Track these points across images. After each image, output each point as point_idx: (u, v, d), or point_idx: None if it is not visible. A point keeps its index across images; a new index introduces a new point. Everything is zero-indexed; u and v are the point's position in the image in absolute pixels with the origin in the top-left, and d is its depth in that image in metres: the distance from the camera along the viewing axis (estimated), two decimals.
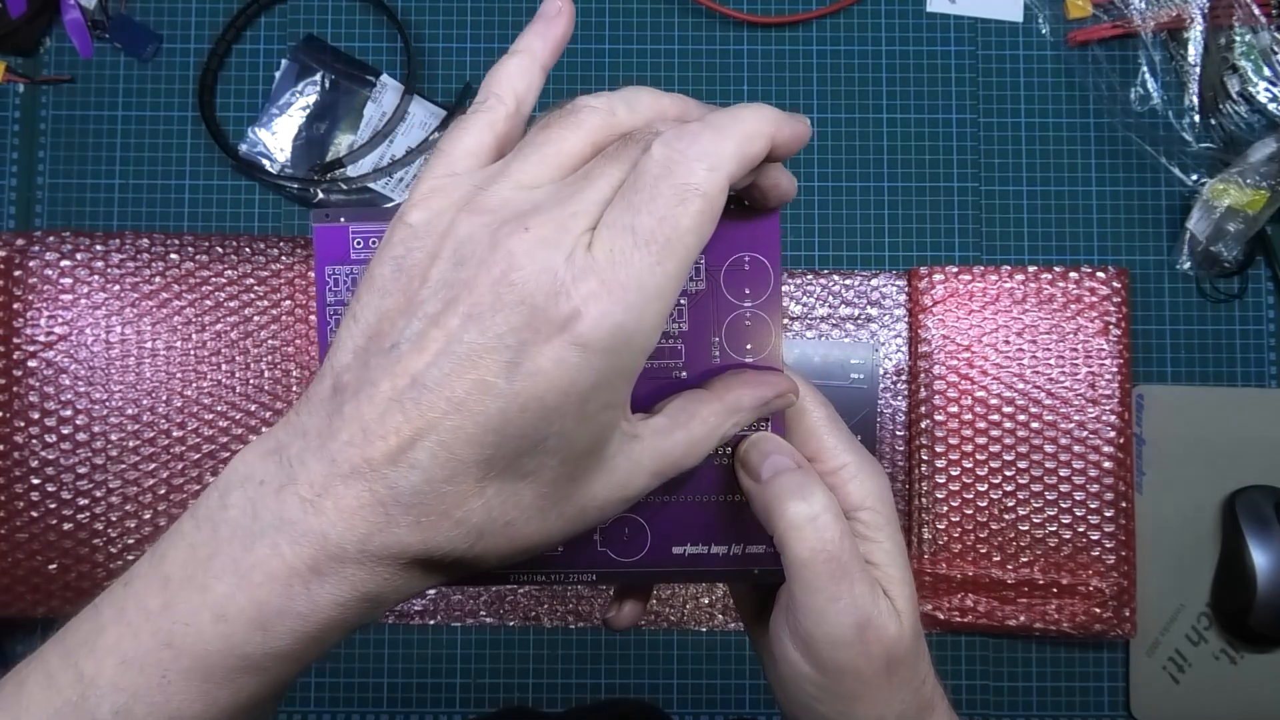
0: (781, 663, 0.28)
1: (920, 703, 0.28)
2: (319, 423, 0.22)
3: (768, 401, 0.27)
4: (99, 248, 0.57)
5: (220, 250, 0.58)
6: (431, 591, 0.57)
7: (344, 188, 0.59)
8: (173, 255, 0.58)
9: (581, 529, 0.24)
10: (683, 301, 0.29)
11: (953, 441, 0.56)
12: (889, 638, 0.26)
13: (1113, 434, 0.56)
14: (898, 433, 0.58)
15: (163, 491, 0.57)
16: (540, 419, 0.21)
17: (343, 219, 0.29)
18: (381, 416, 0.21)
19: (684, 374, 0.29)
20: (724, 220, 0.28)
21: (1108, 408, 0.56)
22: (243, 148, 0.60)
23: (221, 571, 0.21)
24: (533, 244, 0.21)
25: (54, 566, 0.56)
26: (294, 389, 0.57)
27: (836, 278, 0.58)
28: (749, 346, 0.29)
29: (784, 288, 0.58)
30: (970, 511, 0.56)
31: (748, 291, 0.29)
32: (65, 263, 0.57)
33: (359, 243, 0.29)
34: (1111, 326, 0.57)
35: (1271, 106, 0.56)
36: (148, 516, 0.57)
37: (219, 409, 0.57)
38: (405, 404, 0.21)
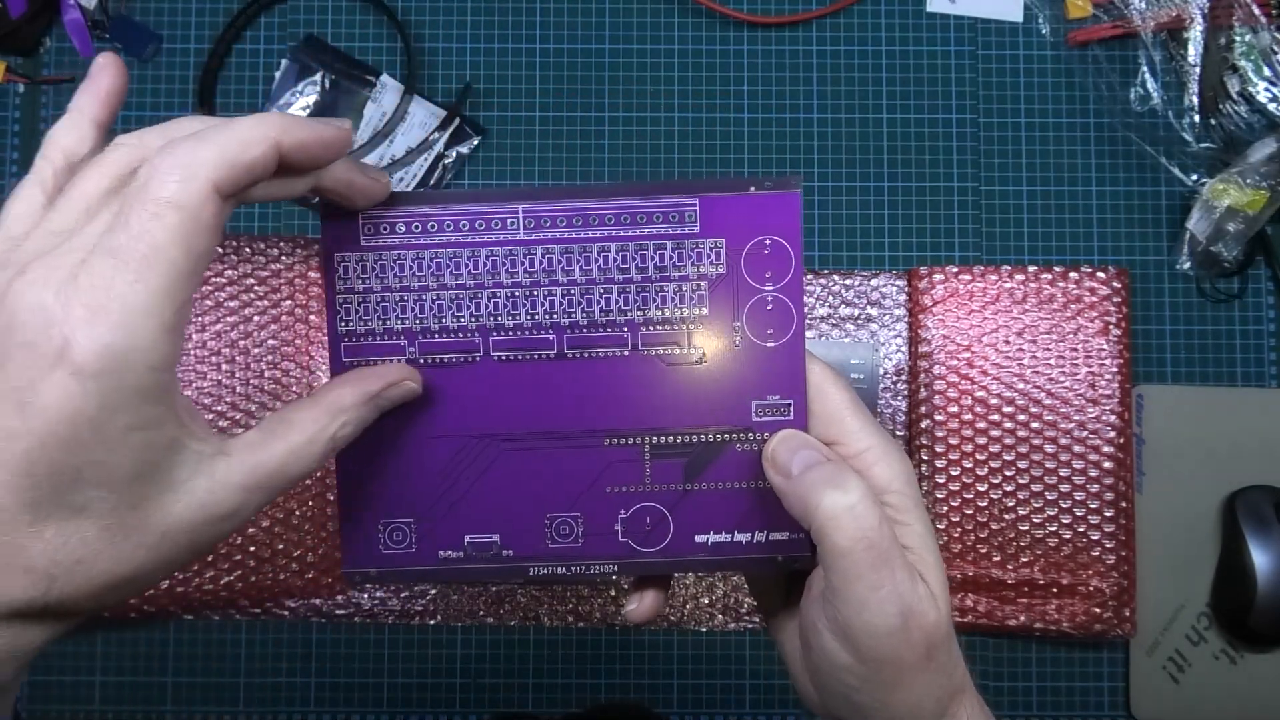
0: (817, 653, 0.28)
1: (953, 687, 0.28)
2: None
3: (376, 394, 0.27)
4: None
5: (220, 250, 0.58)
6: (432, 590, 0.57)
7: None
8: None
9: (178, 554, 0.24)
10: (703, 286, 0.29)
11: (953, 441, 0.56)
12: (929, 624, 0.27)
13: (1113, 434, 0.56)
14: (898, 433, 0.58)
15: None
16: (64, 452, 0.21)
17: None
18: None
19: (705, 359, 0.29)
20: (743, 203, 0.28)
21: (1108, 408, 0.56)
22: None
23: None
24: (27, 285, 0.21)
25: None
26: (294, 389, 0.57)
27: (836, 278, 0.58)
28: (770, 331, 0.29)
29: None
30: (970, 511, 0.56)
31: (769, 275, 0.29)
32: None
33: (369, 229, 0.29)
34: (1111, 326, 0.57)
35: (1271, 106, 0.56)
36: None
37: (219, 409, 0.57)
38: None
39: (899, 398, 0.58)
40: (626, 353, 0.29)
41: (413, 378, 0.28)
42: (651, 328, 0.29)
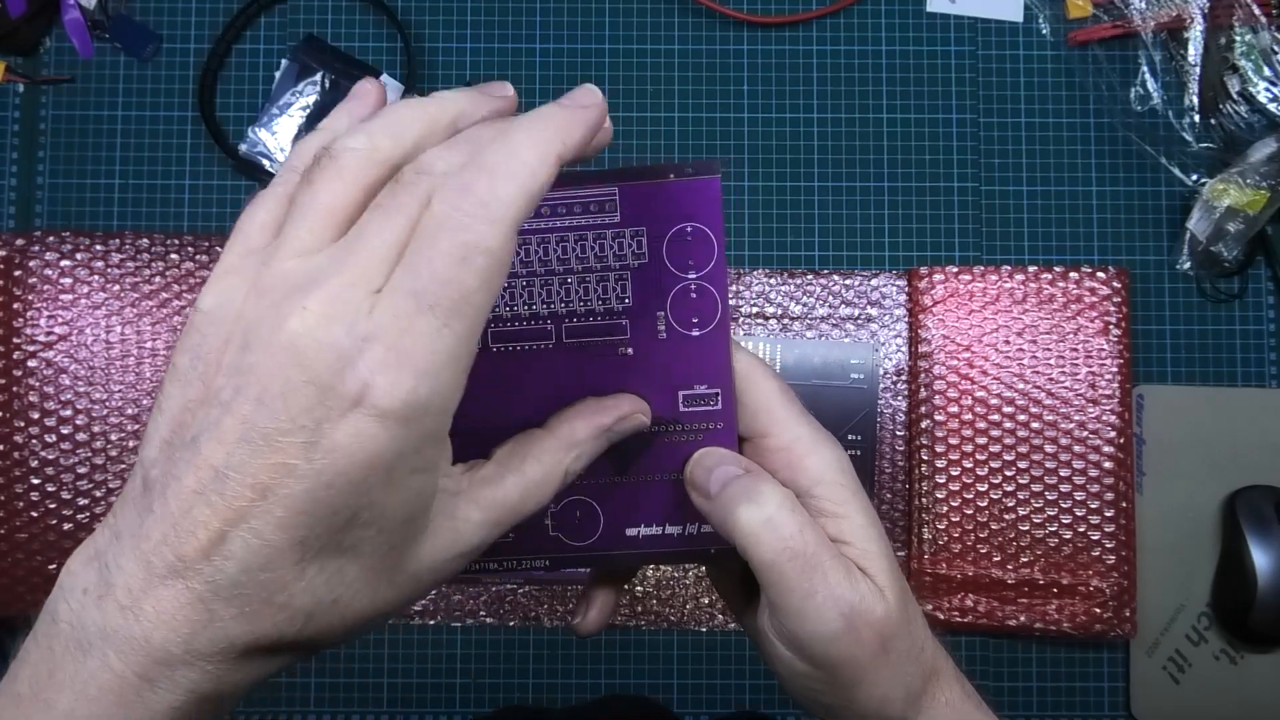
0: (776, 663, 0.28)
1: (924, 670, 0.28)
2: (131, 523, 0.22)
3: (608, 428, 0.27)
4: (99, 248, 0.57)
5: (220, 250, 0.58)
6: (432, 592, 0.57)
7: None
8: (173, 255, 0.58)
9: (420, 592, 0.24)
10: (625, 276, 0.28)
11: (953, 441, 0.56)
12: (877, 619, 0.26)
13: (1113, 434, 0.56)
14: (898, 433, 0.58)
15: None
16: (348, 493, 0.21)
17: None
18: (189, 511, 0.21)
19: (629, 350, 0.28)
20: (662, 190, 0.28)
21: (1108, 408, 0.56)
22: (243, 148, 0.60)
23: (62, 687, 0.21)
24: (314, 320, 0.21)
25: (54, 566, 0.56)
26: None
27: (836, 278, 0.58)
28: (695, 320, 0.28)
29: (784, 288, 0.58)
30: (970, 511, 0.56)
31: (692, 263, 0.28)
32: (65, 263, 0.57)
33: None
34: (1111, 326, 0.57)
35: (1271, 106, 0.56)
36: None
37: None
38: (210, 496, 0.21)
39: (899, 398, 0.58)
40: (551, 345, 0.28)
41: (644, 411, 0.28)
42: (575, 320, 0.28)
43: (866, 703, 0.27)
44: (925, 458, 0.57)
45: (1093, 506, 0.56)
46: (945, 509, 0.56)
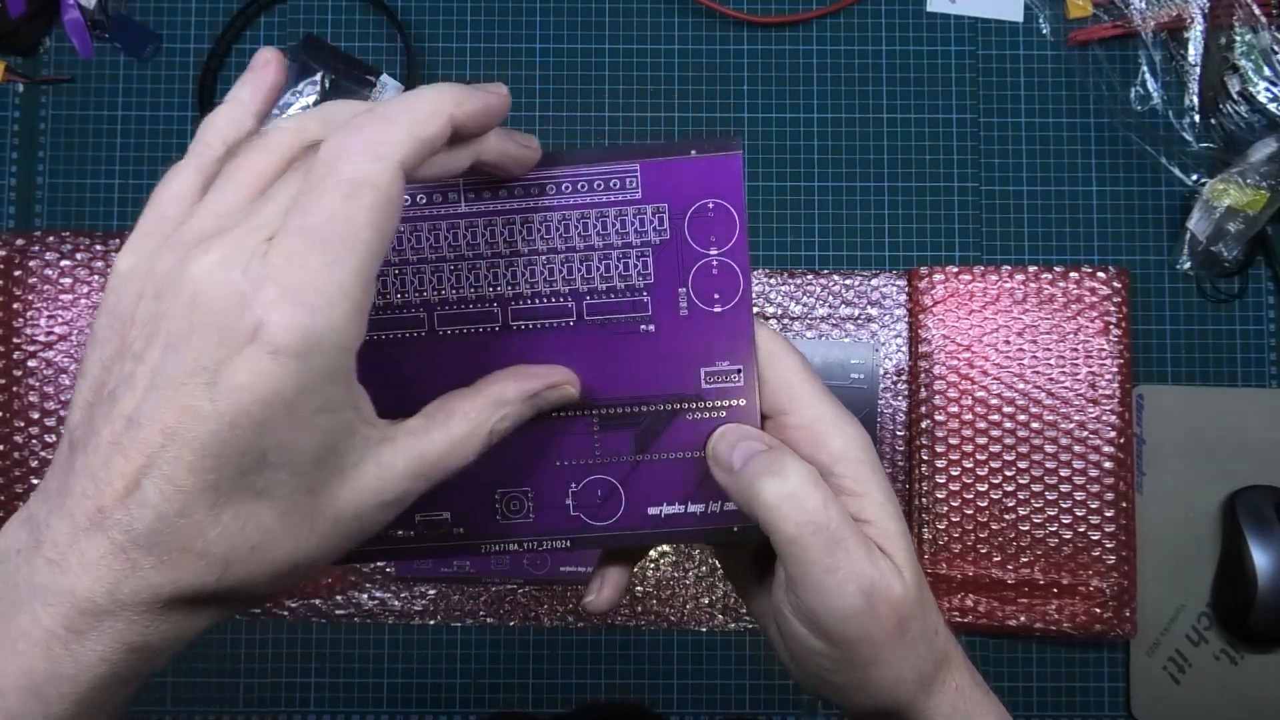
0: (790, 640, 0.28)
1: (936, 655, 0.28)
2: (59, 482, 0.22)
3: (536, 393, 0.27)
4: (99, 248, 0.57)
5: None
6: (432, 591, 0.57)
7: None
8: None
9: (345, 541, 0.24)
10: (647, 253, 0.28)
11: (953, 441, 0.56)
12: (896, 598, 0.26)
13: (1113, 434, 0.56)
14: (898, 433, 0.58)
15: None
16: (253, 433, 0.21)
17: None
18: (106, 463, 0.21)
19: (651, 327, 0.28)
20: (684, 167, 0.28)
21: (1108, 408, 0.56)
22: None
23: None
24: (213, 264, 0.21)
25: None
26: None
27: (836, 278, 0.58)
28: (716, 296, 0.28)
29: (784, 288, 0.58)
30: (970, 511, 0.56)
31: (713, 239, 0.28)
32: (65, 263, 0.57)
33: None
34: (1111, 326, 0.57)
35: (1272, 106, 0.56)
36: None
37: None
38: (124, 445, 0.21)
39: (899, 398, 0.58)
40: (572, 323, 0.28)
41: (573, 383, 0.28)
42: (596, 296, 0.28)
43: (880, 682, 0.27)
44: (925, 458, 0.57)
45: (1093, 506, 0.56)
46: (945, 509, 0.56)
